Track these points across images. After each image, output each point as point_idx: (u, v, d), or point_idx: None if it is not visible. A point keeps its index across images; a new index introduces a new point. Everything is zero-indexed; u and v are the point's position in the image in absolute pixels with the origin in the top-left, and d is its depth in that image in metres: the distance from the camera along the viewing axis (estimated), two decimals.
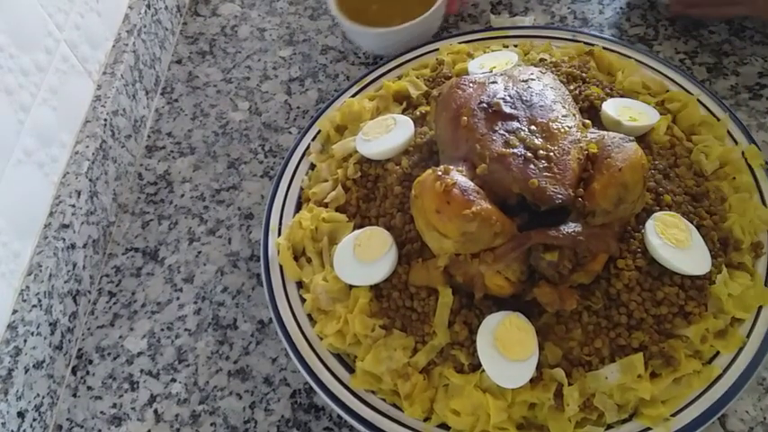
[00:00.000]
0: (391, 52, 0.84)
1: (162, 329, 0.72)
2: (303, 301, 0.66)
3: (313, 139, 0.78)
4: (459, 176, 0.57)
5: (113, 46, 0.86)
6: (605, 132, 0.61)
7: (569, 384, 0.56)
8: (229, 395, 0.67)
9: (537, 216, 0.59)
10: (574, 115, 0.62)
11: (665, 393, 0.57)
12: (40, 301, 0.66)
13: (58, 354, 0.69)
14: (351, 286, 0.63)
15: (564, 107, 0.62)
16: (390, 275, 0.62)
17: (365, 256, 0.63)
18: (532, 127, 0.60)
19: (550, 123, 0.60)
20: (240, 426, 0.65)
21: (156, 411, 0.66)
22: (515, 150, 0.58)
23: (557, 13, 0.92)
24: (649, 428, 0.56)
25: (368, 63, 0.91)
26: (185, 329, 0.72)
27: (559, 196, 0.58)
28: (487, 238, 0.56)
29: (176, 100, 0.92)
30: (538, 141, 0.59)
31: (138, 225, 0.80)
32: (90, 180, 0.75)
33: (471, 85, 0.65)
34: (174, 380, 0.68)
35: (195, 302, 0.73)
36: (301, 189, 0.74)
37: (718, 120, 0.71)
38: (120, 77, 0.83)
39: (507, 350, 0.56)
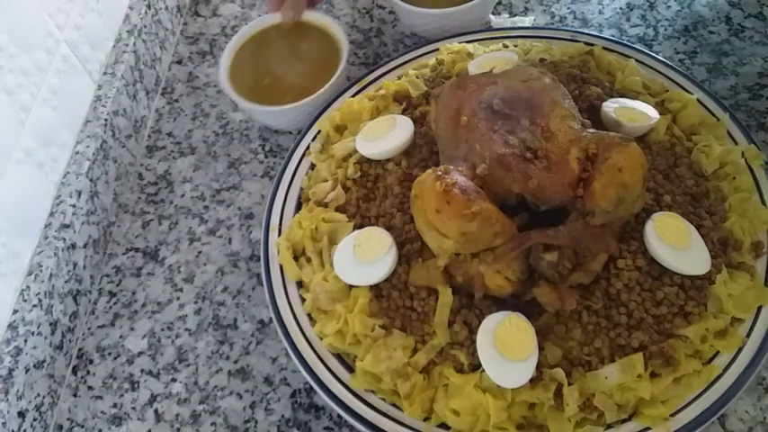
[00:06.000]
0: (290, 127, 0.81)
1: (162, 329, 0.72)
2: (303, 300, 0.66)
3: (313, 139, 0.78)
4: (459, 176, 0.57)
5: (114, 46, 0.86)
6: (605, 132, 0.61)
7: (569, 384, 0.56)
8: (230, 395, 0.67)
9: (537, 216, 0.59)
10: (573, 115, 0.62)
11: (664, 393, 0.57)
12: (40, 300, 0.66)
13: (59, 353, 0.69)
14: (351, 286, 0.63)
15: (564, 107, 0.62)
16: (390, 275, 0.62)
17: (365, 256, 0.63)
18: (532, 127, 0.60)
19: (550, 123, 0.60)
20: (240, 425, 0.65)
21: (156, 411, 0.67)
22: (515, 150, 0.59)
23: (556, 14, 0.92)
24: (649, 428, 0.56)
25: (368, 63, 0.91)
26: (186, 329, 0.72)
27: (559, 196, 0.58)
28: (487, 237, 0.56)
29: (177, 100, 0.92)
30: (537, 141, 0.59)
31: (138, 225, 0.80)
32: (90, 180, 0.76)
33: (471, 85, 0.65)
34: (174, 379, 0.68)
35: (195, 302, 0.73)
36: (301, 189, 0.74)
37: (718, 120, 0.71)
38: (120, 77, 0.83)
39: (507, 350, 0.56)
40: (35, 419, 0.64)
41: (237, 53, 0.84)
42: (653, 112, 0.69)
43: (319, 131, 0.78)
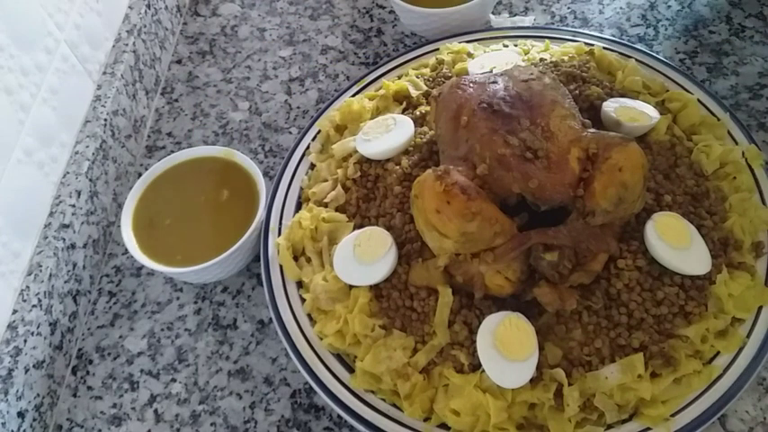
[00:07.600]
0: (202, 282, 0.73)
1: (162, 329, 0.72)
2: (303, 300, 0.66)
3: (313, 139, 0.78)
4: (460, 176, 0.57)
5: (113, 46, 0.86)
6: (605, 132, 0.61)
7: (569, 384, 0.56)
8: (229, 395, 0.67)
9: (537, 216, 0.59)
10: (574, 115, 0.62)
11: (665, 393, 0.57)
12: (40, 301, 0.66)
13: (58, 354, 0.69)
14: (350, 286, 0.63)
15: (564, 107, 0.62)
16: (390, 275, 0.62)
17: (365, 256, 0.63)
18: (532, 127, 0.60)
19: (550, 123, 0.60)
20: (240, 425, 0.65)
21: (156, 411, 0.66)
22: (515, 150, 0.58)
23: (557, 13, 0.92)
24: (649, 428, 0.56)
25: (368, 63, 0.91)
26: (185, 329, 0.72)
27: (559, 196, 0.58)
28: (487, 237, 0.56)
29: (176, 100, 0.92)
30: (538, 141, 0.59)
31: None
32: (90, 180, 0.75)
33: (471, 85, 0.65)
34: (174, 380, 0.68)
35: (195, 302, 0.73)
36: (301, 189, 0.74)
37: (719, 120, 0.71)
38: (120, 77, 0.83)
39: (507, 350, 0.56)
40: (35, 420, 0.64)
41: (144, 193, 0.74)
42: (653, 112, 0.69)
43: (319, 131, 0.78)
